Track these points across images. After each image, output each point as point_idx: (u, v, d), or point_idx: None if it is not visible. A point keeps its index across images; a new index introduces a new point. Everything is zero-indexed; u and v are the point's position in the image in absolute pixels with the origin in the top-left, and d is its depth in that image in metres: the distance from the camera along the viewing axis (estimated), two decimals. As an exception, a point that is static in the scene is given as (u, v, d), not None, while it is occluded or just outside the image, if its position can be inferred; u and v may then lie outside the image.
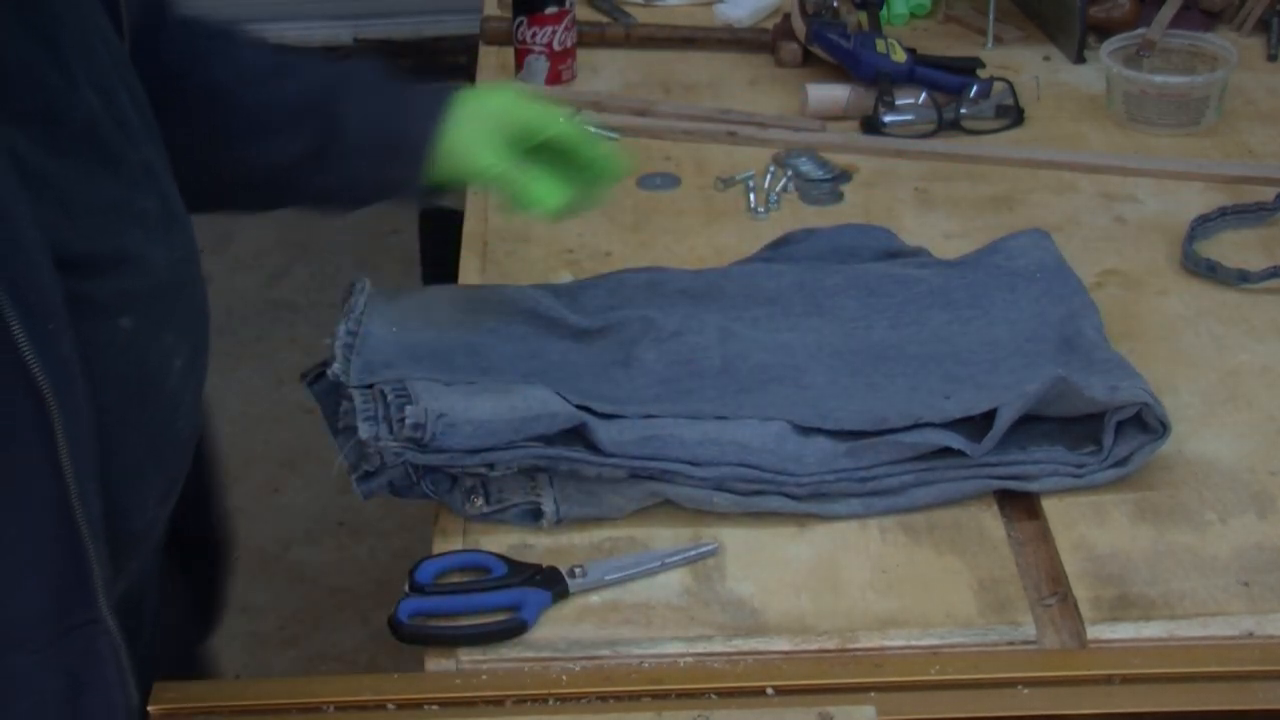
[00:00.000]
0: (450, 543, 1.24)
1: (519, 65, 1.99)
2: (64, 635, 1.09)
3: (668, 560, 1.20)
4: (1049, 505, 1.26)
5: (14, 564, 1.05)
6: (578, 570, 1.19)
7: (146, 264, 1.11)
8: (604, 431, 1.24)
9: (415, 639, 1.15)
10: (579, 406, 1.25)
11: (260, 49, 1.35)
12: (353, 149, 1.30)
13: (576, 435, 1.24)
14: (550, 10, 1.96)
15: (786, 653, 1.14)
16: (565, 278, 1.54)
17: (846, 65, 1.91)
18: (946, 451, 1.25)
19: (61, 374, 1.01)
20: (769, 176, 1.74)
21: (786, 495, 1.24)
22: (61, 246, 1.02)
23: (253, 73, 1.32)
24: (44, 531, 1.04)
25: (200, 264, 1.21)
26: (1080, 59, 2.00)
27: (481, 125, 1.30)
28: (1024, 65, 1.99)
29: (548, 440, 1.23)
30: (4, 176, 0.99)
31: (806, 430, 1.26)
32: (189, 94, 1.29)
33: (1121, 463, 1.26)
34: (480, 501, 1.24)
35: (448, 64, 3.94)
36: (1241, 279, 1.52)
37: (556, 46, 1.97)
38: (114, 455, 1.07)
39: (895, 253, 1.52)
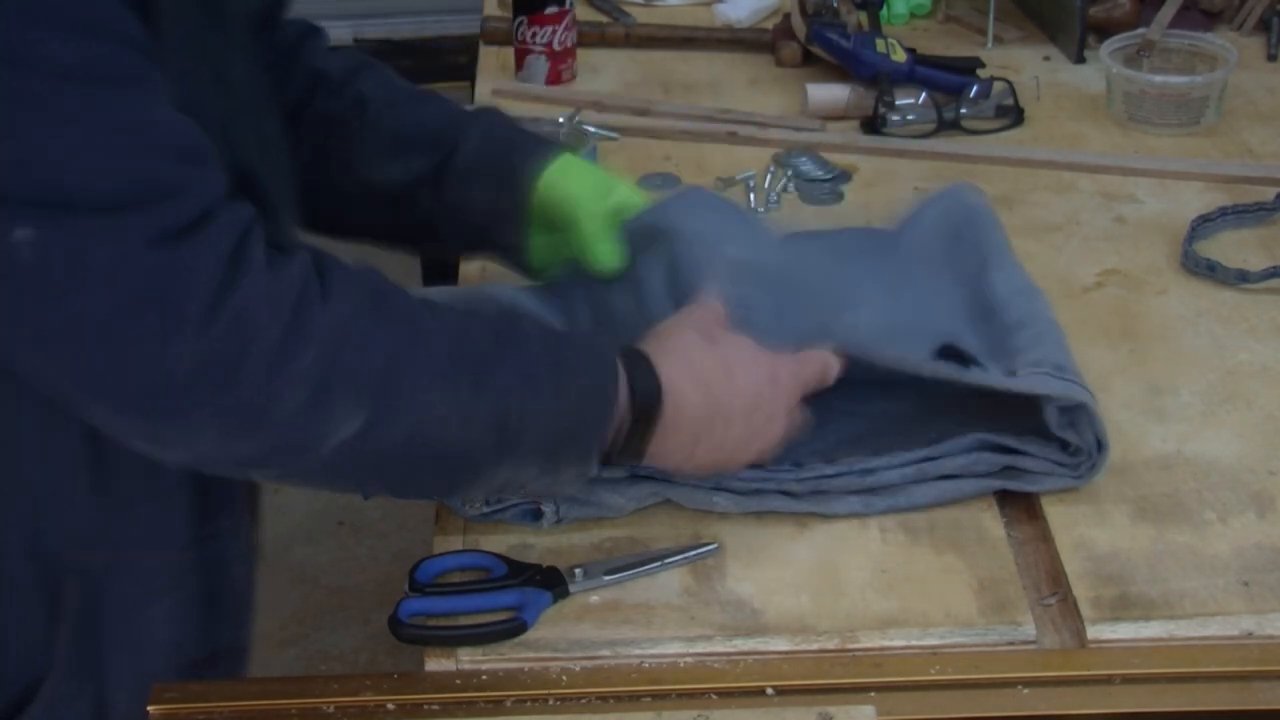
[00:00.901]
0: (450, 543, 1.24)
1: (519, 65, 2.00)
2: (208, 538, 1.21)
3: (668, 560, 1.20)
4: (1049, 505, 1.26)
5: (175, 470, 1.14)
6: (578, 570, 1.19)
7: (290, 218, 1.21)
8: None
9: (415, 639, 1.15)
10: None
11: (398, 78, 1.42)
12: (466, 171, 1.33)
13: None
14: (550, 10, 1.96)
15: (786, 653, 1.14)
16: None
17: (846, 65, 1.91)
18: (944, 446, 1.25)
19: None
20: (769, 176, 1.74)
21: (786, 495, 1.24)
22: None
23: (396, 94, 1.38)
24: None
25: None
26: (1080, 59, 2.00)
27: (581, 170, 1.34)
28: (1024, 65, 1.99)
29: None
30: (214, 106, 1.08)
31: None
32: (335, 106, 1.36)
33: (1100, 448, 1.25)
34: (480, 502, 1.24)
35: (448, 64, 3.94)
36: (1241, 279, 1.52)
37: (556, 46, 1.97)
38: None
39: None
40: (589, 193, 1.31)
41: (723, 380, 1.16)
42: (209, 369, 0.98)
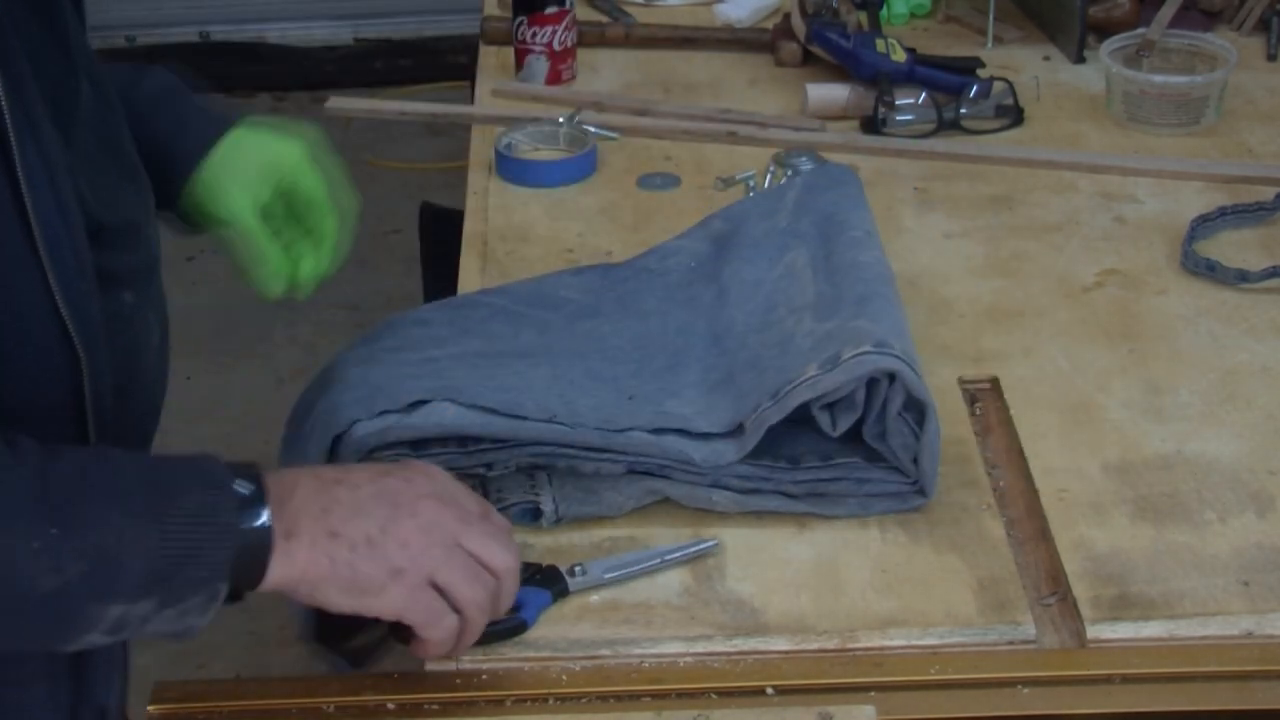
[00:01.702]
0: (450, 542, 1.24)
1: (519, 65, 2.00)
2: None
3: (667, 557, 1.20)
4: (1049, 505, 1.26)
5: None
6: (577, 569, 1.19)
7: (144, 239, 1.18)
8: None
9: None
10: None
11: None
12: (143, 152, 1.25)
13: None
14: (550, 10, 1.96)
15: (786, 652, 1.14)
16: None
17: (846, 65, 1.91)
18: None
19: (92, 335, 1.08)
20: (769, 176, 1.74)
21: (785, 495, 1.24)
22: (89, 217, 1.09)
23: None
24: None
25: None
26: (1080, 59, 2.00)
27: (241, 163, 1.26)
28: (1024, 65, 1.99)
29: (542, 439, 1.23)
30: (54, 150, 1.06)
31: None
32: None
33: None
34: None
35: (448, 64, 3.94)
36: (1241, 279, 1.52)
37: (556, 46, 1.97)
38: (109, 423, 1.12)
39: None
40: (241, 199, 1.26)
41: (364, 484, 1.07)
42: None
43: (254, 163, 1.27)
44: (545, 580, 1.18)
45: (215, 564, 1.01)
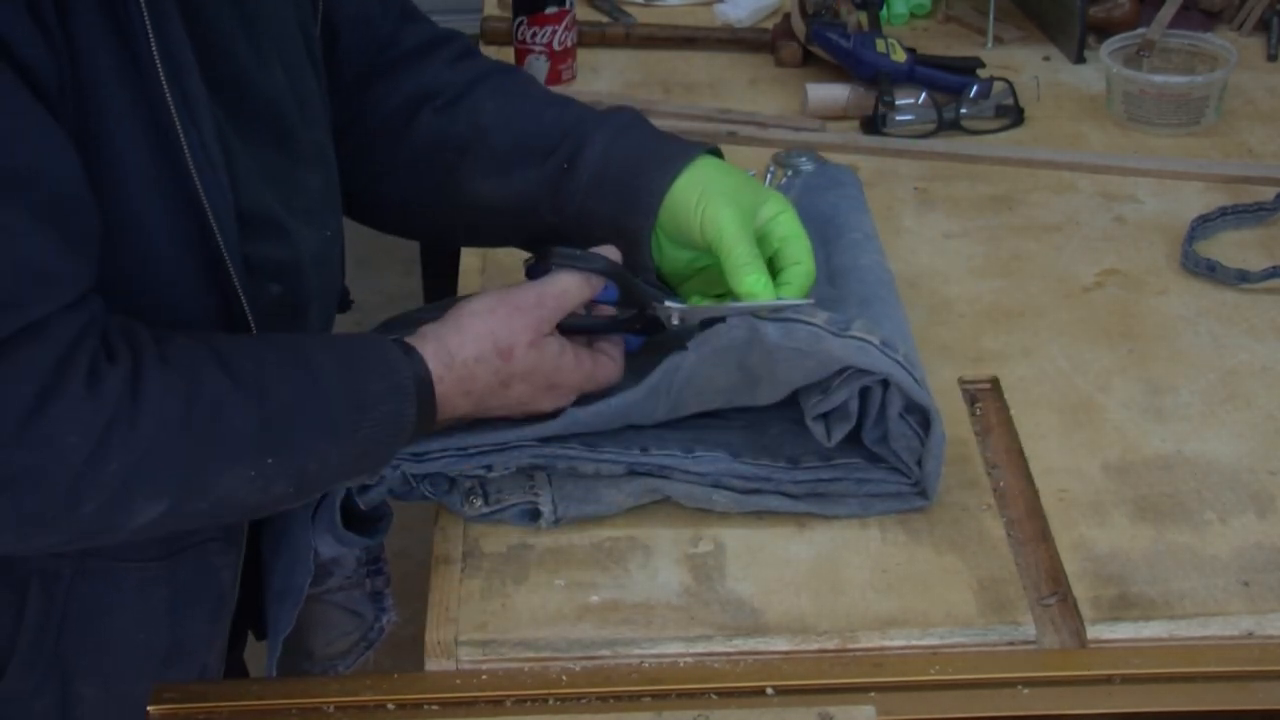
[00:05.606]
0: (450, 543, 1.24)
1: (519, 65, 1.99)
2: (178, 553, 1.21)
3: (758, 310, 1.19)
4: (1049, 505, 1.26)
5: None
6: (674, 319, 1.21)
7: (298, 239, 1.20)
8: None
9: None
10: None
11: (521, 81, 1.37)
12: (587, 187, 1.27)
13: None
14: (550, 10, 1.96)
15: (786, 653, 1.14)
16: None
17: (846, 65, 1.91)
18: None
19: (235, 308, 1.14)
20: (769, 176, 1.74)
21: (785, 495, 1.24)
22: (237, 203, 1.13)
23: (515, 107, 1.32)
24: None
25: (343, 247, 1.31)
26: (1080, 59, 2.00)
27: (721, 186, 1.24)
28: (1024, 65, 2.00)
29: (543, 439, 1.23)
30: (212, 132, 1.10)
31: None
32: (446, 126, 1.32)
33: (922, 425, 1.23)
34: (479, 503, 1.24)
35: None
36: (1241, 279, 1.52)
37: (556, 46, 1.97)
38: None
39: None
40: (730, 218, 1.21)
41: (496, 390, 1.18)
42: (13, 482, 1.01)
43: (736, 184, 1.25)
44: (646, 328, 1.22)
45: (390, 454, 1.17)
